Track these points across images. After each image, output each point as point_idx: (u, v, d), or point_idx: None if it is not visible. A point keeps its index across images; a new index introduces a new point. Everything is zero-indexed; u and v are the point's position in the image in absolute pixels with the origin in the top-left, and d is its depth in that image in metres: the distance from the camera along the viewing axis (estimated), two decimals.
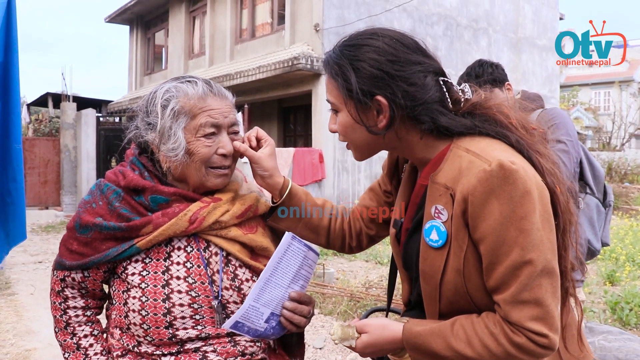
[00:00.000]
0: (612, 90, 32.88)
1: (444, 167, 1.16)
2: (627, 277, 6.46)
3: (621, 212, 13.42)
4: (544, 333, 1.06)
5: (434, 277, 1.16)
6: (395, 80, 1.15)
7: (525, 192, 1.05)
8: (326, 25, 10.89)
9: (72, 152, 13.82)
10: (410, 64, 1.17)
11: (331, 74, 1.23)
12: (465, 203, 1.09)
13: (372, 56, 1.17)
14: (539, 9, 15.38)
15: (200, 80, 1.37)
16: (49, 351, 4.34)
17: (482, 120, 1.19)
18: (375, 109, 1.18)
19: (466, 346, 1.10)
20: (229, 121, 1.36)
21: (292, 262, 1.32)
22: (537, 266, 1.06)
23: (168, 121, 1.32)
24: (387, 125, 1.18)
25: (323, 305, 5.44)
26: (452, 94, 1.20)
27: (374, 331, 1.23)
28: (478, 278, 1.12)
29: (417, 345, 1.16)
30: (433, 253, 1.16)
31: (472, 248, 1.11)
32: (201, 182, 1.36)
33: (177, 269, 1.32)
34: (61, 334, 1.44)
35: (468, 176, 1.09)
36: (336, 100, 1.23)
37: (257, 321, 1.30)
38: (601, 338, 3.47)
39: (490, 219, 1.06)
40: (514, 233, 1.05)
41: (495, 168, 1.06)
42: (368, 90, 1.16)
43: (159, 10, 17.51)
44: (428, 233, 1.16)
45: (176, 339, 1.30)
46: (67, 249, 1.38)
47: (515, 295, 1.07)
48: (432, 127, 1.18)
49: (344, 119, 1.23)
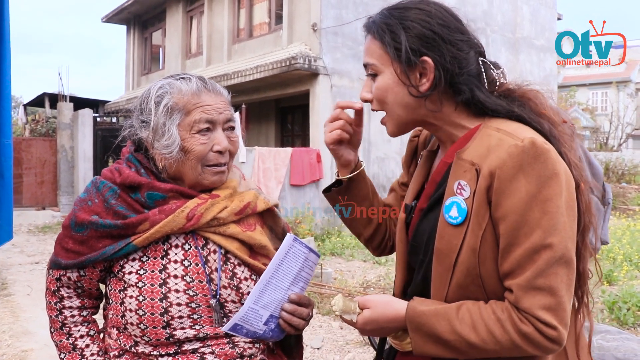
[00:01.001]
0: (609, 91, 32.94)
1: (472, 145, 1.14)
2: (624, 276, 6.47)
3: (618, 212, 13.44)
4: (554, 324, 1.03)
5: (449, 256, 1.12)
6: (445, 43, 1.15)
7: (554, 173, 1.04)
8: (324, 25, 10.87)
9: (69, 152, 13.79)
10: (458, 32, 1.18)
11: (377, 32, 1.20)
12: (491, 178, 1.06)
13: (423, 17, 1.17)
14: (537, 9, 15.39)
15: (195, 77, 1.35)
16: (46, 352, 4.32)
17: (517, 104, 1.18)
18: (419, 71, 1.17)
19: (471, 331, 1.07)
20: (224, 117, 1.34)
21: (293, 264, 1.30)
22: (556, 252, 1.03)
23: (161, 118, 1.30)
24: (429, 88, 1.17)
25: (321, 305, 5.43)
26: (488, 75, 1.20)
27: (376, 307, 1.19)
28: (492, 262, 1.09)
29: (419, 325, 1.12)
30: (451, 230, 1.12)
31: (491, 228, 1.08)
32: (197, 181, 1.34)
33: (175, 267, 1.30)
34: (57, 335, 1.42)
35: (498, 152, 1.07)
36: (378, 60, 1.20)
37: (256, 323, 1.28)
38: (599, 337, 3.46)
39: (515, 196, 1.04)
40: (537, 214, 1.03)
41: (528, 145, 1.05)
42: (417, 49, 1.15)
43: (156, 10, 17.48)
44: (448, 209, 1.13)
45: (174, 339, 1.28)
46: (63, 247, 1.36)
47: (530, 280, 1.03)
48: (469, 100, 1.17)
49: (385, 80, 1.20)
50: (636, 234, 9.18)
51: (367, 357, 4.27)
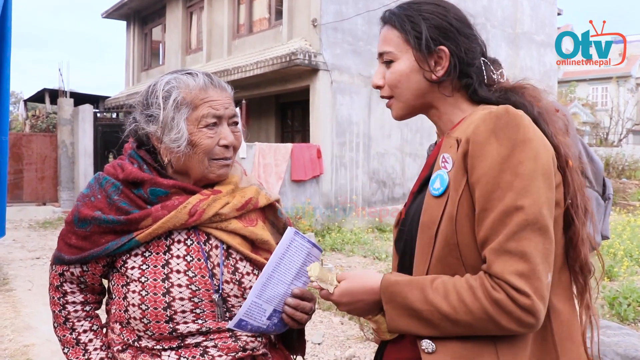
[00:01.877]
0: (609, 86, 32.90)
1: (461, 124, 1.20)
2: (625, 272, 6.48)
3: (619, 207, 13.45)
4: (526, 291, 1.00)
5: (430, 228, 1.12)
6: (460, 35, 1.23)
7: (526, 138, 1.06)
8: (324, 20, 10.85)
9: (70, 148, 13.78)
10: (469, 27, 1.26)
11: (397, 22, 1.26)
12: (467, 144, 1.10)
13: (440, 10, 1.25)
14: (537, 5, 15.36)
15: (201, 73, 1.37)
16: (47, 347, 4.34)
17: (510, 94, 1.24)
18: (434, 60, 1.23)
19: (442, 299, 1.06)
20: (229, 112, 1.36)
21: (295, 259, 1.32)
22: (528, 215, 1.02)
23: (171, 112, 1.31)
24: (442, 76, 1.23)
25: (321, 300, 5.44)
26: (487, 73, 1.26)
27: (352, 278, 1.21)
28: (469, 230, 1.08)
29: (392, 295, 1.13)
30: (433, 202, 1.14)
31: (467, 194, 1.09)
32: (204, 174, 1.35)
33: (177, 263, 1.31)
34: (60, 329, 1.43)
35: (476, 122, 1.12)
36: (396, 48, 1.26)
37: (259, 318, 1.29)
38: (600, 333, 3.47)
39: (488, 159, 1.06)
40: (509, 176, 1.04)
41: (501, 110, 1.10)
42: (436, 38, 1.22)
43: (156, 6, 17.44)
44: (433, 182, 1.16)
45: (176, 333, 1.29)
46: (66, 243, 1.36)
47: (502, 243, 1.02)
48: (476, 88, 1.24)
49: (401, 67, 1.25)
50: (637, 229, 9.19)
51: (368, 352, 4.28)
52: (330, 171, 10.83)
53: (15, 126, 20.61)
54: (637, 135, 30.67)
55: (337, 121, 10.91)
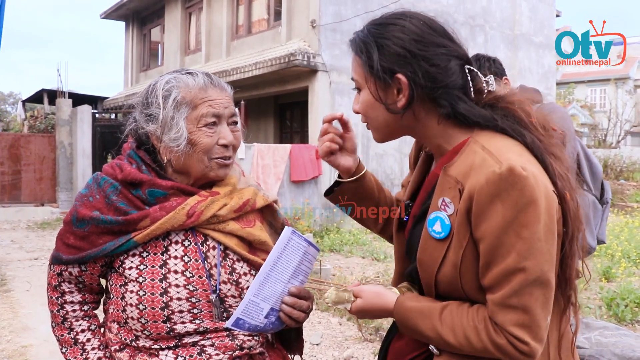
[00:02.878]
0: (608, 88, 32.96)
1: (458, 161, 1.16)
2: (622, 273, 6.50)
3: (617, 209, 13.47)
4: (526, 340, 1.07)
5: (430, 268, 1.17)
6: (417, 60, 1.16)
7: (531, 200, 1.05)
8: (323, 21, 10.86)
9: (68, 149, 13.77)
10: (434, 45, 1.17)
11: (356, 51, 1.25)
12: (470, 201, 1.09)
13: (397, 34, 1.18)
14: (535, 6, 15.38)
15: (201, 72, 1.38)
16: (45, 347, 4.33)
17: (501, 114, 1.19)
18: (395, 88, 1.19)
19: (449, 332, 1.13)
20: (229, 112, 1.36)
21: (292, 257, 1.32)
22: (530, 275, 1.06)
23: (170, 111, 1.32)
24: (405, 105, 1.18)
25: (320, 301, 5.44)
26: (475, 83, 1.21)
27: (367, 297, 1.27)
28: (473, 276, 1.12)
29: (405, 320, 1.20)
30: (434, 244, 1.16)
31: (471, 246, 1.11)
32: (204, 173, 1.36)
33: (175, 263, 1.31)
34: (58, 329, 1.43)
35: (478, 174, 1.09)
36: (359, 77, 1.25)
37: (257, 317, 1.30)
38: (597, 334, 3.48)
39: (492, 220, 1.06)
40: (513, 239, 1.05)
41: (505, 172, 1.05)
42: (389, 67, 1.17)
43: (155, 6, 17.45)
44: (432, 223, 1.16)
45: (174, 332, 1.29)
46: (64, 243, 1.37)
47: (504, 298, 1.07)
48: (451, 113, 1.18)
49: (365, 97, 1.24)
50: (634, 230, 9.20)
51: (366, 353, 4.28)
52: (329, 172, 10.83)
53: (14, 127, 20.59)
54: (636, 136, 30.71)
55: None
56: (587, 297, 5.57)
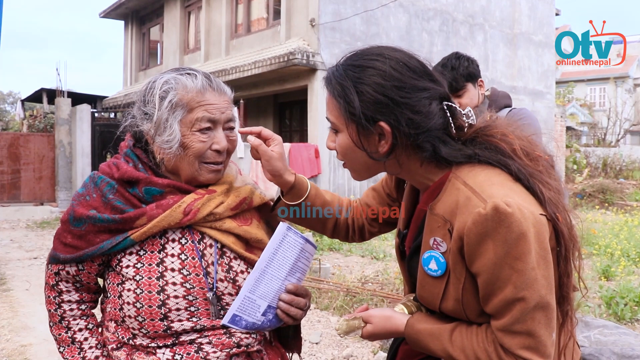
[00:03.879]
0: (607, 87, 32.96)
1: (442, 198, 1.16)
2: (622, 272, 6.50)
3: (616, 207, 13.48)
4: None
5: (432, 302, 1.21)
6: (400, 108, 1.13)
7: (520, 234, 1.05)
8: (322, 20, 10.86)
9: (67, 148, 13.76)
10: (416, 90, 1.14)
11: (333, 94, 1.20)
12: (461, 241, 1.10)
13: (378, 80, 1.14)
14: (535, 5, 15.38)
15: (200, 74, 1.36)
16: (45, 347, 4.33)
17: (483, 147, 1.18)
18: (377, 134, 1.17)
19: (460, 353, 1.15)
20: (225, 117, 1.35)
21: (289, 254, 1.32)
22: (529, 303, 1.07)
23: (165, 113, 1.31)
24: (388, 151, 1.17)
25: (319, 300, 5.44)
26: (455, 119, 1.19)
27: (378, 322, 1.28)
28: (476, 304, 1.15)
29: (416, 341, 1.23)
30: (432, 281, 1.19)
31: (470, 279, 1.13)
32: (193, 176, 1.35)
33: (172, 261, 1.31)
34: (56, 328, 1.43)
35: (464, 214, 1.10)
36: (337, 120, 1.21)
37: (254, 314, 1.30)
38: (597, 332, 3.49)
39: (484, 257, 1.08)
40: (507, 272, 1.07)
41: (490, 211, 1.05)
42: (371, 115, 1.14)
43: (154, 5, 17.43)
44: (427, 262, 1.18)
45: (171, 330, 1.29)
46: (61, 242, 1.36)
47: (507, 325, 1.10)
48: (433, 156, 1.17)
49: (344, 141, 1.21)
50: (634, 229, 9.21)
51: (365, 352, 4.28)
52: (328, 171, 10.84)
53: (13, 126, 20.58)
54: (635, 135, 30.73)
55: None
56: (586, 296, 5.56)
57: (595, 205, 14.02)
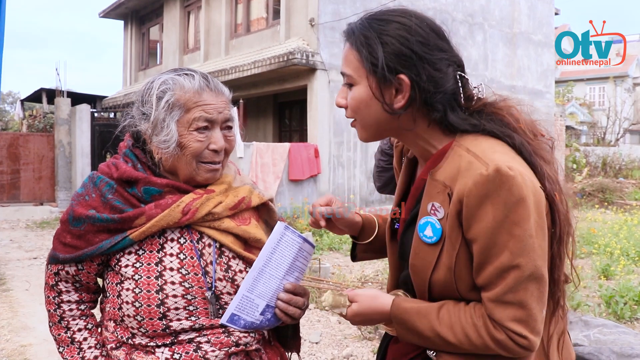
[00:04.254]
0: (606, 86, 32.97)
1: (444, 165, 1.16)
2: (621, 271, 6.50)
3: (615, 206, 13.48)
4: (524, 335, 1.08)
5: (423, 272, 1.18)
6: (423, 62, 1.14)
7: (520, 199, 1.05)
8: (321, 20, 10.86)
9: (67, 148, 13.76)
10: (437, 49, 1.16)
11: (355, 44, 1.18)
12: (460, 204, 1.09)
13: (402, 34, 1.14)
14: (534, 4, 15.38)
15: (198, 74, 1.36)
16: (45, 347, 4.34)
17: (489, 119, 1.19)
18: (395, 88, 1.16)
19: (448, 330, 1.13)
20: (223, 117, 1.36)
21: (287, 254, 1.32)
22: (524, 271, 1.07)
23: (162, 113, 1.31)
24: (404, 106, 1.16)
25: (319, 300, 5.44)
26: (466, 90, 1.20)
27: (363, 301, 1.25)
28: (468, 277, 1.13)
29: (403, 321, 1.19)
30: (426, 248, 1.16)
31: (464, 248, 1.12)
32: (191, 176, 1.36)
33: (171, 261, 1.32)
34: (55, 328, 1.43)
35: (466, 177, 1.09)
36: (355, 72, 1.19)
37: (252, 313, 1.30)
38: (596, 331, 3.49)
39: (483, 221, 1.07)
40: (505, 237, 1.06)
41: (492, 173, 1.06)
42: (394, 67, 1.14)
43: (154, 5, 17.43)
44: (422, 229, 1.17)
45: (170, 330, 1.29)
46: (61, 242, 1.37)
47: (500, 295, 1.08)
48: (442, 119, 1.18)
49: (360, 93, 1.19)
50: (633, 228, 9.22)
51: (365, 351, 4.29)
52: (327, 171, 10.84)
53: (12, 126, 20.58)
54: (634, 134, 30.75)
55: (334, 121, 10.92)
56: (586, 295, 5.58)
57: (595, 204, 14.03)
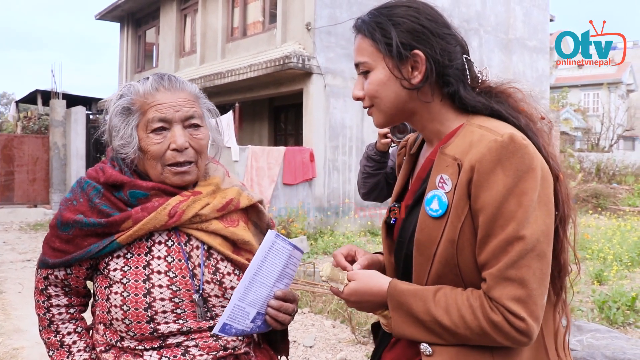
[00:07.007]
0: (600, 92, 33.13)
1: (455, 141, 1.18)
2: (614, 276, 6.53)
3: (609, 212, 13.53)
4: (522, 316, 1.06)
5: (428, 248, 1.16)
6: (435, 37, 1.20)
7: (530, 168, 1.08)
8: (318, 24, 10.88)
9: (62, 150, 13.72)
10: (445, 26, 1.23)
11: (367, 31, 1.23)
12: (471, 171, 1.10)
13: (412, 13, 1.21)
14: (529, 11, 15.46)
15: (155, 76, 1.37)
16: (37, 350, 4.31)
17: (496, 100, 1.23)
18: (410, 65, 1.20)
19: (444, 313, 1.11)
20: (181, 115, 1.34)
21: (277, 261, 1.32)
22: (528, 244, 1.06)
23: (114, 119, 1.34)
24: (421, 81, 1.20)
25: (313, 304, 5.44)
26: (472, 71, 1.24)
27: (361, 279, 1.24)
28: (470, 253, 1.12)
29: (398, 303, 1.17)
30: (431, 223, 1.16)
31: (469, 220, 1.12)
32: (160, 180, 1.36)
33: (158, 264, 1.32)
34: (45, 332, 1.44)
35: (479, 147, 1.11)
36: (370, 57, 1.23)
37: (243, 321, 1.29)
38: (589, 336, 3.50)
39: (493, 189, 1.08)
40: (513, 206, 1.06)
41: (507, 139, 1.09)
42: (408, 43, 1.19)
43: (150, 8, 17.41)
44: (429, 202, 1.17)
45: (158, 333, 1.30)
46: (50, 247, 1.37)
47: (502, 270, 1.07)
48: (454, 93, 1.21)
49: (378, 76, 1.23)
50: (626, 234, 9.24)
51: (359, 355, 4.28)
52: (323, 174, 10.84)
53: (7, 127, 20.49)
54: (628, 141, 30.91)
55: (330, 125, 10.93)
56: (579, 300, 5.59)
57: (589, 210, 14.08)
